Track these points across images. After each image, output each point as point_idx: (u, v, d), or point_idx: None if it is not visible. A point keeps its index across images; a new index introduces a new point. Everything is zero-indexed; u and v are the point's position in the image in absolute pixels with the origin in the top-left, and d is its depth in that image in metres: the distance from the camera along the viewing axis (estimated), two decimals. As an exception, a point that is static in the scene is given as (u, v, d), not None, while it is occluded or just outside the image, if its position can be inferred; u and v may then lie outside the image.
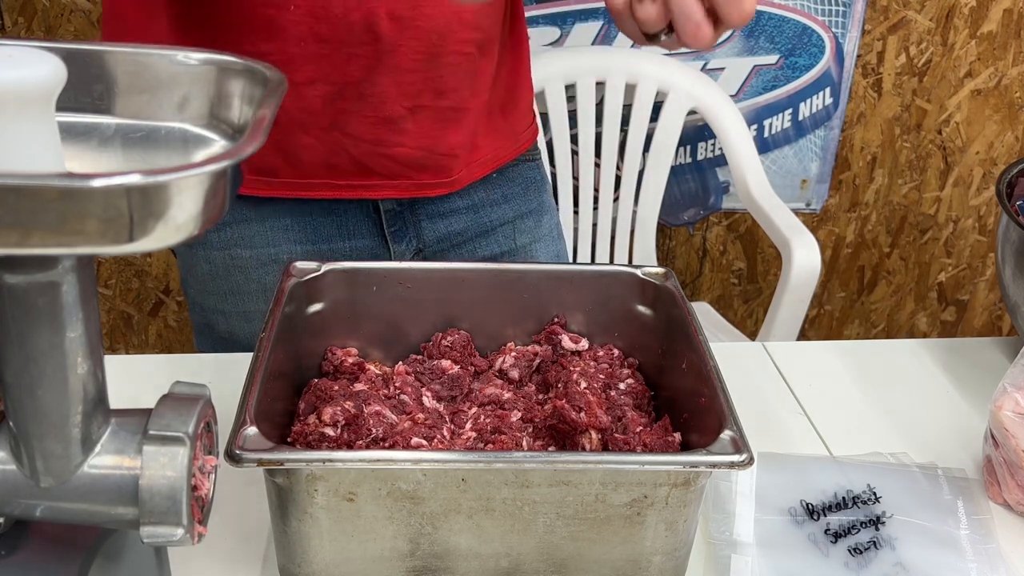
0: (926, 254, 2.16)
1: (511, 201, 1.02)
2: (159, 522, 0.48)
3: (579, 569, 0.64)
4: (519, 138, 1.03)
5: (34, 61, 0.40)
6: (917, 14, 1.89)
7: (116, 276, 2.01)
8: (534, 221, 1.05)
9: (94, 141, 0.48)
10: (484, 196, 1.00)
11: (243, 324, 1.00)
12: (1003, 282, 0.91)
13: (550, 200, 1.09)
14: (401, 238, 0.98)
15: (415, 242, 0.99)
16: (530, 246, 1.04)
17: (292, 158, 0.91)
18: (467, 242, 1.01)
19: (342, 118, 0.89)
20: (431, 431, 0.69)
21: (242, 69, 0.49)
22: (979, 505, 0.77)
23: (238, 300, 0.99)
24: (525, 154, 1.04)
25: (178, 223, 0.38)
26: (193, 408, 0.50)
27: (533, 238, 1.05)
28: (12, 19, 1.77)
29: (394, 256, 0.98)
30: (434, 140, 0.92)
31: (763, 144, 1.97)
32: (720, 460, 0.59)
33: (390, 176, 0.93)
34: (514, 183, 1.03)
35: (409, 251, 0.99)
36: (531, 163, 1.05)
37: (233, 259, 0.97)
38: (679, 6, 0.60)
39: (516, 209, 1.03)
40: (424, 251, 1.00)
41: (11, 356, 0.45)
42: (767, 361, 0.97)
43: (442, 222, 0.99)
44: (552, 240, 1.08)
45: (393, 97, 0.88)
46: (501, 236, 1.02)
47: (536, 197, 1.05)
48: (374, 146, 0.90)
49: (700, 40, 0.61)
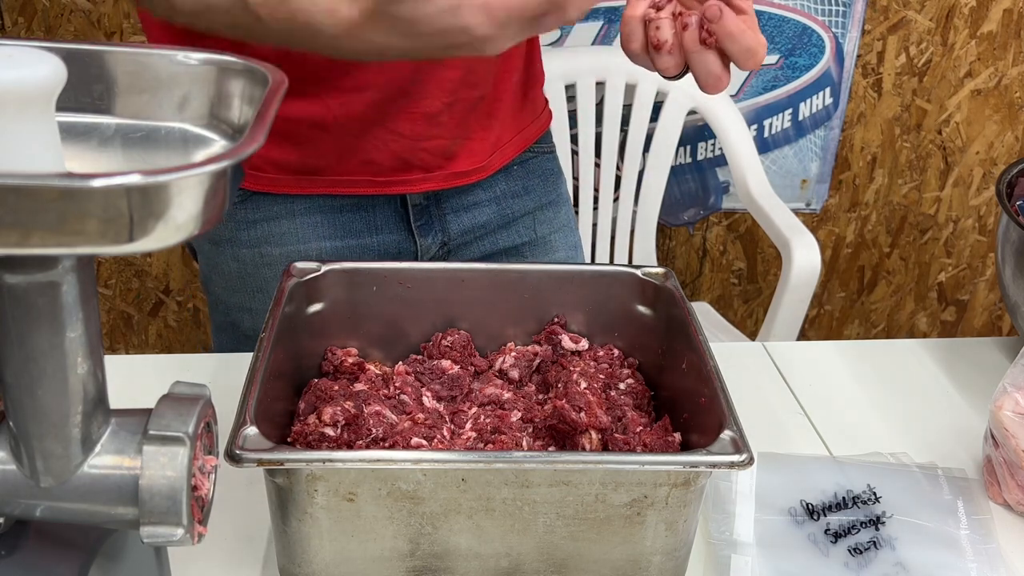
0: (926, 254, 2.16)
1: (531, 192, 1.04)
2: (159, 522, 0.48)
3: (579, 569, 0.64)
4: (539, 119, 1.05)
5: (34, 61, 0.40)
6: (917, 14, 1.89)
7: (116, 276, 2.01)
8: (553, 212, 1.07)
9: (94, 141, 0.48)
10: (506, 187, 1.02)
11: None
12: (1003, 282, 0.91)
13: (566, 191, 1.11)
14: (427, 232, 0.99)
15: (441, 235, 1.00)
16: (549, 236, 1.06)
17: (336, 158, 0.93)
18: (489, 234, 1.02)
19: (386, 119, 0.91)
20: (431, 431, 0.69)
21: (242, 69, 0.49)
22: (979, 505, 0.77)
23: (267, 297, 0.99)
24: (543, 145, 1.06)
25: (178, 223, 0.38)
26: (193, 408, 0.50)
27: (552, 228, 1.07)
28: (12, 19, 1.77)
29: (420, 249, 1.00)
30: (467, 130, 0.94)
31: (763, 144, 1.97)
32: (720, 460, 0.59)
33: (426, 169, 0.95)
34: (534, 174, 1.04)
35: (435, 244, 1.00)
36: (549, 155, 1.07)
37: (263, 256, 0.98)
38: (699, 63, 0.65)
39: (536, 200, 1.05)
40: (449, 244, 1.01)
41: (11, 356, 0.45)
42: (767, 361, 0.97)
43: (467, 215, 1.00)
44: (570, 231, 1.10)
45: (433, 94, 0.90)
46: (522, 227, 1.04)
47: (554, 188, 1.07)
48: (413, 141, 0.92)
49: (720, 89, 0.66)
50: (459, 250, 1.02)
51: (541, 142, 1.06)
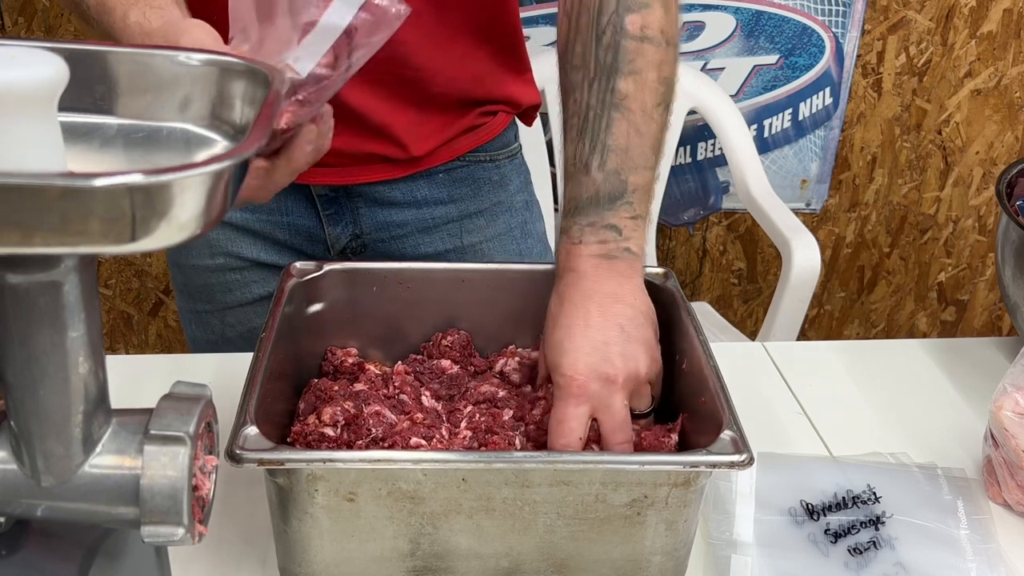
0: (926, 254, 2.16)
1: (457, 201, 1.01)
2: (160, 522, 0.48)
3: (579, 569, 0.64)
4: (483, 129, 1.00)
5: (36, 61, 0.40)
6: (917, 14, 1.89)
7: (116, 276, 2.01)
8: (486, 220, 1.03)
9: (96, 141, 0.48)
10: (428, 194, 0.99)
11: (193, 277, 1.04)
12: (1003, 282, 0.91)
13: (518, 199, 1.06)
14: (336, 222, 0.99)
15: (352, 227, 0.99)
16: (480, 245, 1.03)
17: None
18: (408, 236, 1.01)
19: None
20: (430, 431, 0.69)
21: (243, 70, 0.49)
22: (979, 505, 0.77)
23: (195, 271, 1.04)
24: (479, 154, 1.01)
25: (180, 223, 0.38)
26: (194, 408, 0.50)
27: (484, 237, 1.03)
28: (12, 19, 1.77)
29: (330, 239, 0.99)
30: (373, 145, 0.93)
31: (763, 144, 1.97)
32: (720, 460, 0.59)
33: (322, 164, 0.93)
34: (462, 183, 1.01)
35: (346, 235, 0.99)
36: (488, 164, 1.03)
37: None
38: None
39: (463, 208, 1.01)
40: (363, 237, 1.00)
41: (13, 356, 0.45)
42: (767, 361, 0.97)
43: (381, 211, 0.99)
44: (512, 239, 1.06)
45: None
46: (446, 234, 1.01)
47: (489, 196, 1.03)
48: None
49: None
50: (377, 246, 1.00)
51: (478, 151, 1.01)
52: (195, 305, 1.06)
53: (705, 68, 1.89)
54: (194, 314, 1.07)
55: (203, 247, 1.01)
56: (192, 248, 1.02)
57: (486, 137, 1.01)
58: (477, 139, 1.00)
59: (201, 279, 1.03)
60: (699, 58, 1.88)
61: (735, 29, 1.86)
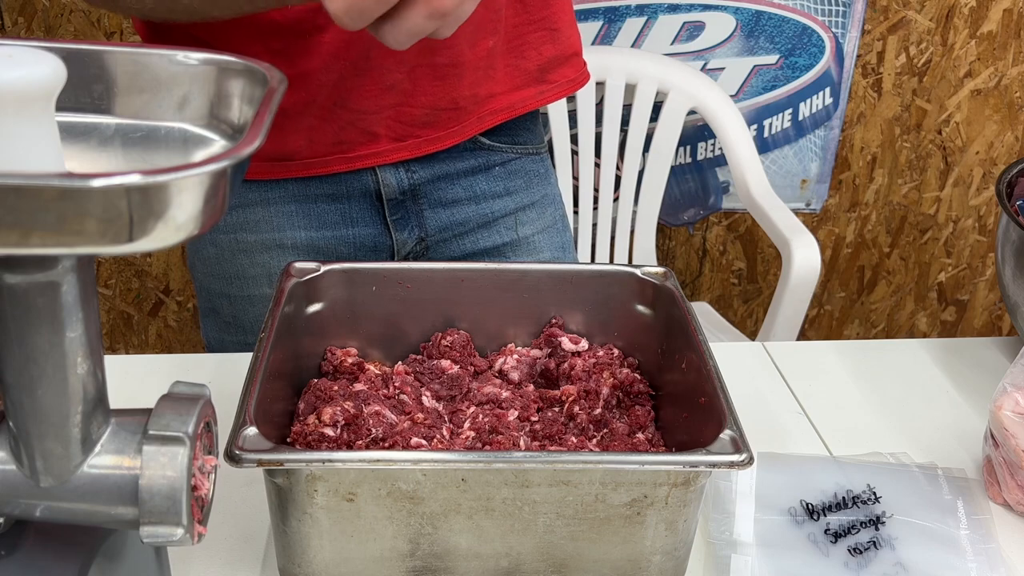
0: (926, 254, 2.16)
1: (513, 194, 1.04)
2: (159, 522, 0.48)
3: (579, 569, 0.64)
4: (549, 85, 1.01)
5: (34, 61, 0.40)
6: (917, 14, 1.89)
7: (116, 276, 2.01)
8: (537, 213, 1.06)
9: (94, 141, 0.48)
10: (487, 188, 1.02)
11: (247, 308, 1.01)
12: (1003, 282, 0.91)
13: (555, 192, 1.11)
14: (403, 226, 0.99)
15: (418, 231, 1.00)
16: (533, 237, 1.06)
17: (305, 141, 0.93)
18: (469, 233, 1.02)
19: (346, 99, 0.90)
20: (430, 431, 0.69)
21: (242, 69, 0.49)
22: (979, 505, 0.77)
23: (243, 284, 1.01)
24: (528, 147, 1.05)
25: (178, 223, 0.38)
26: (193, 408, 0.50)
27: (536, 229, 1.06)
28: (12, 19, 1.77)
29: (397, 244, 1.00)
30: (435, 97, 0.93)
31: (763, 144, 1.97)
32: (720, 460, 0.59)
33: (398, 139, 0.94)
34: (516, 176, 1.04)
35: (412, 239, 1.00)
36: (534, 156, 1.06)
37: (238, 243, 0.98)
38: None
39: (518, 201, 1.04)
40: (427, 240, 1.01)
41: (11, 356, 0.45)
42: (767, 361, 0.97)
43: (444, 211, 1.00)
44: (557, 231, 1.09)
45: (391, 66, 0.89)
46: (503, 227, 1.04)
47: (539, 189, 1.07)
48: (378, 114, 0.92)
49: None
50: (438, 247, 1.01)
51: (527, 143, 1.04)
52: (245, 338, 1.02)
53: (705, 68, 1.89)
54: (236, 346, 1.03)
55: (262, 277, 0.99)
56: (250, 278, 1.00)
57: (561, 93, 1.03)
58: (570, 85, 1.03)
59: (257, 309, 1.00)
60: (699, 58, 1.88)
61: (735, 29, 1.86)
